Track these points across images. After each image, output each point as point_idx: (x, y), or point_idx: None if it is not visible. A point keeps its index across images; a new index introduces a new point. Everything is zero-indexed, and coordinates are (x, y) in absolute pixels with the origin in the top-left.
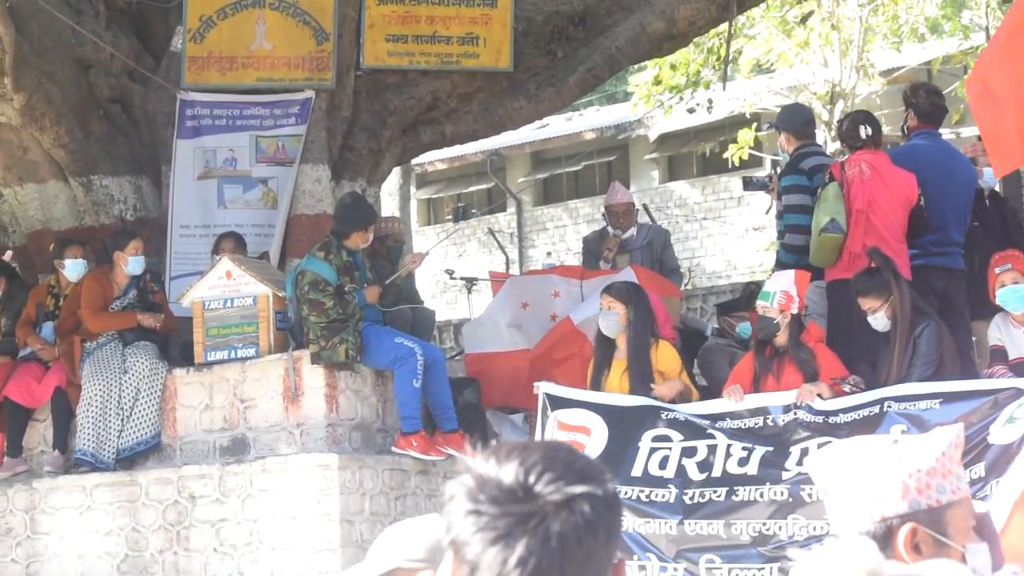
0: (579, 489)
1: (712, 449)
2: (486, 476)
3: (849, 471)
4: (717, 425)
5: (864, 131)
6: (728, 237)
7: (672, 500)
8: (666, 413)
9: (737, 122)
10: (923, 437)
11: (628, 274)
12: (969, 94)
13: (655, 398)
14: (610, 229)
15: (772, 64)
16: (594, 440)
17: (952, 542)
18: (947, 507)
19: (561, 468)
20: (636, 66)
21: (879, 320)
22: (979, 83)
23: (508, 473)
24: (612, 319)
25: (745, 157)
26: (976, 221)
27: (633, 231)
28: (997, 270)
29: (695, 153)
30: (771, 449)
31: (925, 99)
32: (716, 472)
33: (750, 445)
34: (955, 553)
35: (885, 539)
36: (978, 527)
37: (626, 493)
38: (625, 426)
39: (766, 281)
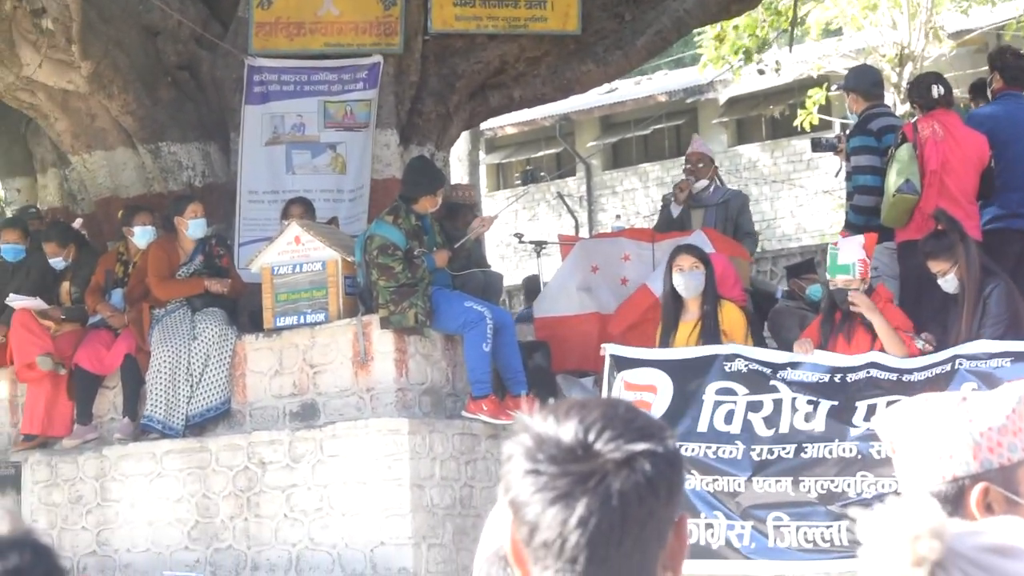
0: (639, 447)
1: (778, 404)
2: (545, 435)
3: (918, 430)
4: (780, 375)
5: (936, 91)
6: (798, 200)
7: (740, 457)
8: (729, 364)
9: (806, 85)
10: (991, 394)
11: (699, 237)
12: None
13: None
14: (684, 175)
15: (841, 26)
16: (660, 397)
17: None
18: (1018, 465)
19: (621, 426)
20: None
21: (949, 282)
22: None
23: (567, 432)
24: (699, 279)
25: (815, 122)
26: None
27: (707, 184)
28: None
29: (764, 116)
30: (836, 404)
31: (1012, 62)
32: (784, 428)
33: (815, 399)
34: None
35: (957, 499)
36: None
37: (692, 450)
38: (689, 378)
39: (837, 253)
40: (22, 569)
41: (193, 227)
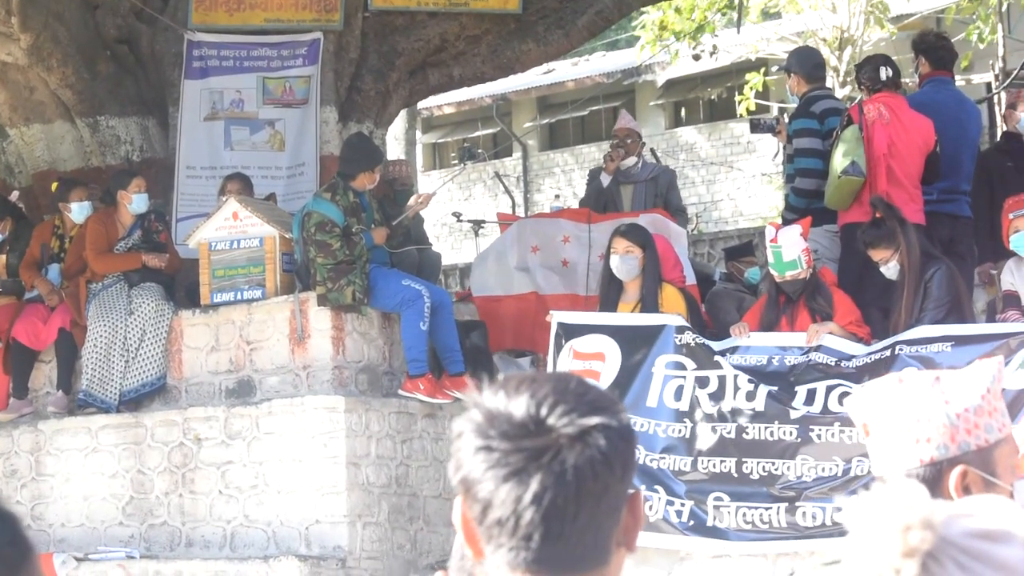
0: (593, 421)
1: (722, 381)
2: (496, 411)
3: (894, 412)
4: (722, 353)
5: (884, 73)
6: (735, 183)
7: (688, 436)
8: (679, 337)
9: (744, 68)
10: (964, 373)
11: (649, 218)
12: None
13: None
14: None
15: (780, 9)
16: (609, 365)
17: (1000, 481)
18: (995, 446)
19: (573, 400)
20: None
21: (891, 269)
22: None
23: (519, 407)
24: (632, 264)
25: (752, 108)
26: (1011, 163)
27: (636, 161)
28: (1011, 215)
29: (702, 99)
30: (775, 388)
31: (936, 43)
32: (726, 406)
33: (755, 380)
34: (1003, 491)
35: (934, 482)
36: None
37: (642, 426)
38: (637, 346)
39: (780, 250)
40: None
41: (136, 201)
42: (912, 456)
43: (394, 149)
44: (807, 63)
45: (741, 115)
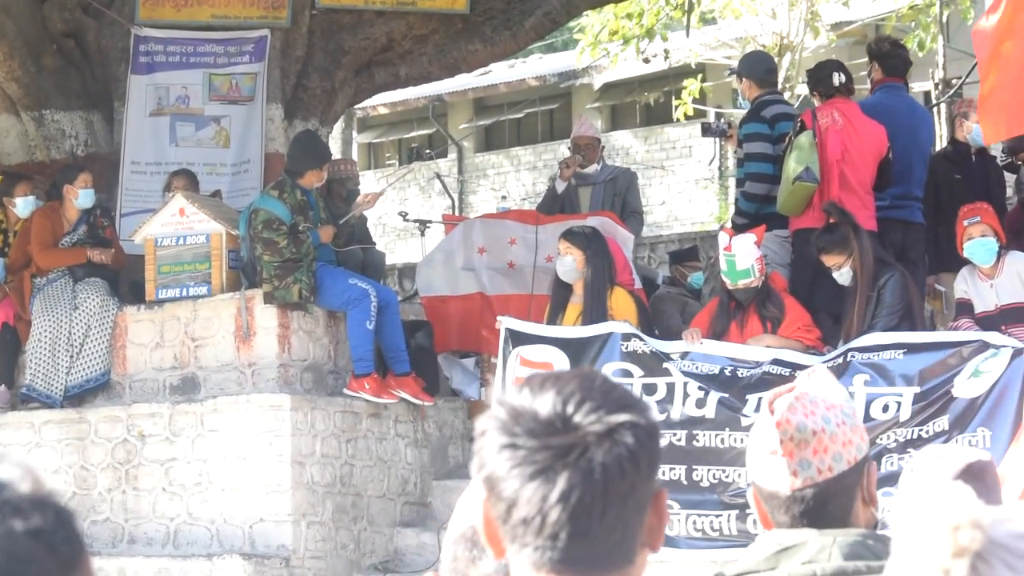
0: (621, 418)
1: (671, 388)
2: (521, 408)
3: (827, 419)
4: (672, 359)
5: (837, 78)
6: (671, 188)
7: None
8: (626, 344)
9: (681, 73)
10: (822, 381)
11: (597, 220)
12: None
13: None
14: (571, 153)
15: (718, 14)
16: None
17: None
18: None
19: (600, 397)
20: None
21: (844, 275)
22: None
23: (545, 404)
24: (569, 264)
25: (690, 113)
26: (959, 175)
27: (596, 167)
28: (966, 222)
29: (638, 103)
30: (726, 395)
31: (890, 51)
32: (675, 414)
33: (705, 387)
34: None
35: (854, 483)
36: (982, 473)
37: None
38: (585, 356)
39: (734, 259)
40: (44, 530)
41: (83, 197)
42: (841, 461)
43: (331, 149)
44: (758, 68)
45: (678, 119)
